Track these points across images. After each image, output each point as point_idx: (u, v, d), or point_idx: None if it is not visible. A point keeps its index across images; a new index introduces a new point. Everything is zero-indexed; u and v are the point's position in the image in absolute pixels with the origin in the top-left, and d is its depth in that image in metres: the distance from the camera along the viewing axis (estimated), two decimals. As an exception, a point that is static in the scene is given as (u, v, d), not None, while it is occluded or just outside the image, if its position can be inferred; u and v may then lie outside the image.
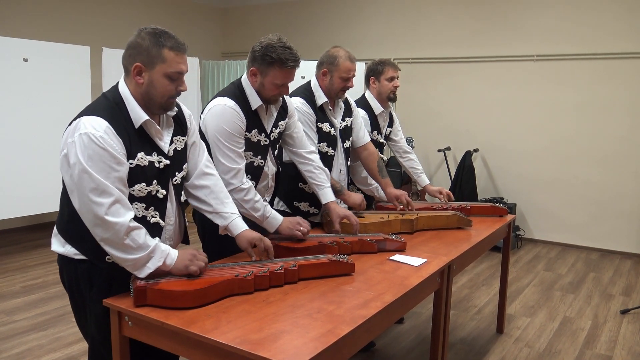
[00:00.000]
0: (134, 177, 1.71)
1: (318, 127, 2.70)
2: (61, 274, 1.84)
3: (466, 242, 2.55)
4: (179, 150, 1.88)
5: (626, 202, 5.28)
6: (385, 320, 1.79)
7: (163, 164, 1.79)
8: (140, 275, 1.69)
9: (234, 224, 1.99)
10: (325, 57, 2.70)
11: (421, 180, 3.36)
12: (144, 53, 1.68)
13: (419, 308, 3.76)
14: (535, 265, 4.95)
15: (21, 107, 4.58)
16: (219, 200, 1.99)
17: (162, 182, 1.80)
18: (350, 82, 2.69)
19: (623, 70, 5.19)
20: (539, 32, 5.55)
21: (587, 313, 3.81)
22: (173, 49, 1.70)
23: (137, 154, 1.71)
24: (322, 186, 2.51)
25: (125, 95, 1.73)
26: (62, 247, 1.78)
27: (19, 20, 5.46)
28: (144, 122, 1.73)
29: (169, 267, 1.74)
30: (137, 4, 6.60)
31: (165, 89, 1.72)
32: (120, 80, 1.77)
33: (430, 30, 6.20)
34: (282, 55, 2.14)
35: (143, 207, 1.77)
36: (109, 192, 1.61)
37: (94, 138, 1.60)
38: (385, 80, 3.11)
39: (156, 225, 1.81)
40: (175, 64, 1.70)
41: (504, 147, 5.88)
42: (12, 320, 3.41)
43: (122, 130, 1.67)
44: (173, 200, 1.88)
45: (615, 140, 5.28)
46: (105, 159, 1.61)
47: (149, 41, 1.68)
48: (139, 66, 1.69)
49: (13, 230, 5.60)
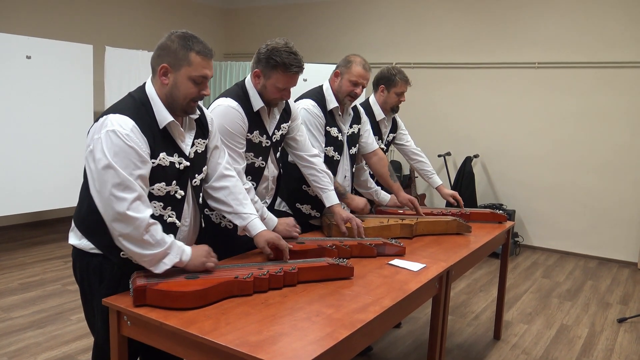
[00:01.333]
0: (154, 176, 1.75)
1: (326, 131, 2.71)
2: (74, 266, 1.87)
3: (465, 248, 2.55)
4: (200, 153, 1.91)
5: (625, 211, 5.29)
6: (383, 324, 1.79)
7: (183, 166, 1.83)
8: (156, 271, 1.72)
9: (252, 224, 2.02)
10: (342, 60, 2.73)
11: (433, 182, 3.38)
12: (171, 55, 1.73)
13: (416, 313, 3.76)
14: (533, 272, 4.95)
15: (23, 104, 4.58)
16: (238, 201, 2.02)
17: (181, 183, 1.84)
18: (358, 88, 2.69)
19: (624, 79, 5.20)
20: (541, 40, 5.56)
21: (585, 321, 3.81)
22: (200, 54, 1.74)
23: (160, 153, 1.75)
24: (326, 189, 2.52)
25: (151, 95, 1.77)
26: (78, 240, 1.82)
27: (23, 18, 5.47)
28: (168, 123, 1.77)
29: (185, 264, 1.77)
30: (140, 4, 6.62)
31: (188, 91, 1.76)
32: (147, 81, 1.81)
33: (433, 35, 6.22)
34: (287, 60, 2.16)
35: (161, 206, 1.81)
36: (132, 188, 1.64)
37: (120, 135, 1.64)
38: (395, 94, 3.12)
39: (172, 225, 1.84)
40: (200, 68, 1.75)
41: (504, 153, 5.89)
42: (9, 318, 3.41)
43: (147, 130, 1.71)
44: (190, 202, 1.91)
45: (615, 149, 5.30)
46: (131, 156, 1.65)
47: (177, 44, 1.73)
48: (165, 67, 1.74)
49: (12, 227, 5.59)
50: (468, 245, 2.61)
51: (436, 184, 3.35)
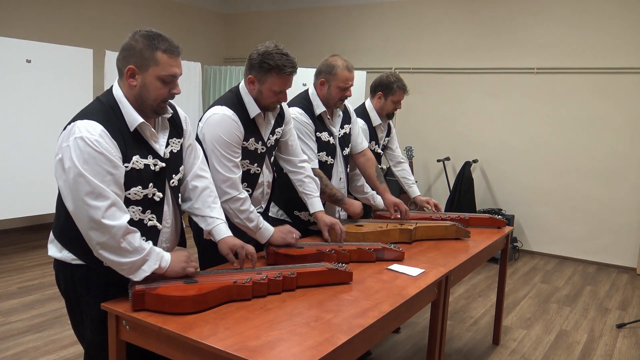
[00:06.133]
0: (129, 180, 1.70)
1: (317, 137, 2.69)
2: (57, 278, 1.83)
3: (464, 253, 2.55)
4: (175, 153, 1.87)
5: (624, 216, 5.29)
6: (382, 329, 1.79)
7: (159, 167, 1.79)
8: (135, 278, 1.69)
9: (217, 229, 1.98)
10: (323, 66, 2.68)
11: (412, 191, 3.36)
12: (137, 55, 1.68)
13: (415, 318, 3.76)
14: (532, 277, 4.95)
15: (23, 108, 4.58)
16: (206, 204, 1.98)
17: (158, 185, 1.80)
18: (348, 91, 2.67)
19: (623, 85, 5.21)
20: (540, 45, 5.58)
21: (583, 326, 3.81)
22: (166, 52, 1.69)
23: (133, 157, 1.71)
24: (311, 195, 2.50)
25: (119, 98, 1.72)
26: (59, 252, 1.77)
27: (23, 22, 5.48)
28: (139, 125, 1.72)
29: (164, 270, 1.74)
30: (140, 8, 6.63)
31: (158, 92, 1.71)
32: (115, 84, 1.76)
33: (432, 40, 6.23)
34: (280, 62, 2.15)
35: (140, 210, 1.76)
36: (105, 196, 1.60)
37: (89, 142, 1.59)
38: (392, 102, 3.12)
39: (153, 228, 1.81)
40: (168, 67, 1.70)
41: (503, 159, 5.90)
42: (7, 322, 3.40)
43: (117, 134, 1.67)
44: (170, 203, 1.87)
45: (614, 155, 5.30)
46: (101, 162, 1.61)
47: (142, 44, 1.67)
48: (132, 68, 1.68)
49: (11, 230, 5.59)
50: (467, 251, 2.61)
51: (414, 194, 3.34)
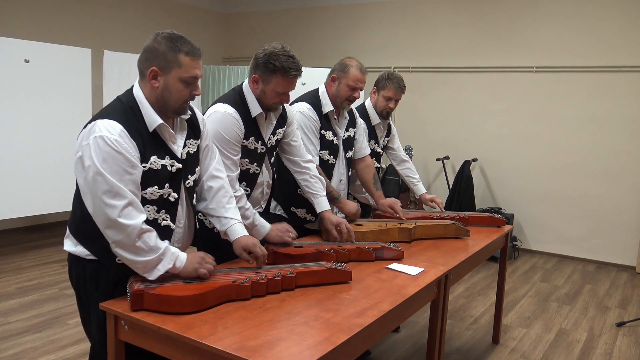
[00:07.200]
0: (146, 180, 1.73)
1: (321, 135, 2.71)
2: (70, 272, 1.86)
3: (463, 252, 2.55)
4: (192, 154, 1.90)
5: (623, 215, 5.29)
6: (382, 329, 1.79)
7: (175, 168, 1.81)
8: (150, 277, 1.71)
9: (232, 229, 1.99)
10: (338, 64, 2.73)
11: (417, 189, 3.37)
12: (160, 57, 1.71)
13: (415, 317, 3.76)
14: (531, 276, 4.95)
15: (21, 108, 4.58)
16: (221, 204, 2.00)
17: (174, 186, 1.82)
18: (357, 92, 2.70)
19: (622, 83, 5.21)
20: (539, 44, 5.58)
21: (583, 325, 3.81)
22: (189, 54, 1.72)
23: (150, 157, 1.73)
24: (318, 195, 2.51)
25: (139, 99, 1.75)
26: (74, 246, 1.80)
27: (21, 22, 5.47)
28: (158, 125, 1.75)
29: (179, 270, 1.75)
30: (139, 8, 6.62)
31: (180, 94, 1.74)
32: (135, 84, 1.79)
33: (431, 39, 6.23)
34: (285, 64, 2.16)
35: (154, 209, 1.79)
36: (122, 195, 1.63)
37: (108, 141, 1.62)
38: (382, 97, 3.11)
39: (167, 228, 1.83)
40: (190, 69, 1.73)
41: (502, 157, 5.90)
42: (6, 322, 3.40)
43: (136, 134, 1.69)
44: (184, 203, 1.90)
45: (614, 153, 5.30)
46: (120, 162, 1.63)
47: (165, 46, 1.70)
48: (155, 70, 1.72)
49: (9, 230, 5.57)
50: (466, 249, 2.61)
51: (420, 191, 3.35)
